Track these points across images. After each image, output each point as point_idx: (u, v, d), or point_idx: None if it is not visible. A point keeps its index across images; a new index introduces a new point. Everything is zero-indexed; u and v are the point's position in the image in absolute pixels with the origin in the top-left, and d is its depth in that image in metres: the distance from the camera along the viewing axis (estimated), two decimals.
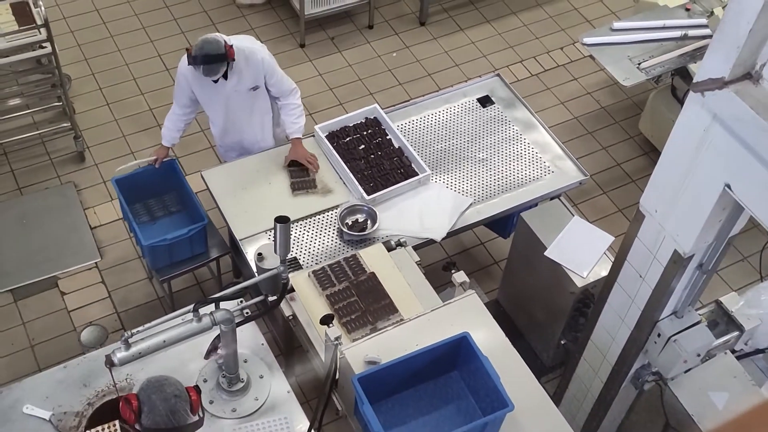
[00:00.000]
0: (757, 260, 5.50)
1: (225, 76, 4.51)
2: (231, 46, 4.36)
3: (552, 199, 4.81)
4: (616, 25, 5.67)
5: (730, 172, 2.88)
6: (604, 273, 4.14)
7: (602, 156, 6.15)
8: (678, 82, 5.75)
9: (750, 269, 5.50)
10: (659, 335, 3.59)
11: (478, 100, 5.23)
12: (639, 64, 5.43)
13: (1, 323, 5.03)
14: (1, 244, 5.37)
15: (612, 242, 4.45)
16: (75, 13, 6.75)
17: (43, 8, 5.21)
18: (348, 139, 4.89)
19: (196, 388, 2.87)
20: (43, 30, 5.20)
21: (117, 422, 3.31)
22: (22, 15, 5.30)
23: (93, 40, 6.60)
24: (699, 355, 3.66)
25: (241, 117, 4.77)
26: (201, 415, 2.84)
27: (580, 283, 4.32)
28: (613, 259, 3.81)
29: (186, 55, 4.38)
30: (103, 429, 3.30)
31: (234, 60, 4.38)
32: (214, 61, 4.30)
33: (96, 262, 5.35)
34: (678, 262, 3.27)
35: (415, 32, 6.89)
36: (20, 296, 5.16)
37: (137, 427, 2.70)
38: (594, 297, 4.33)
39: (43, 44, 5.28)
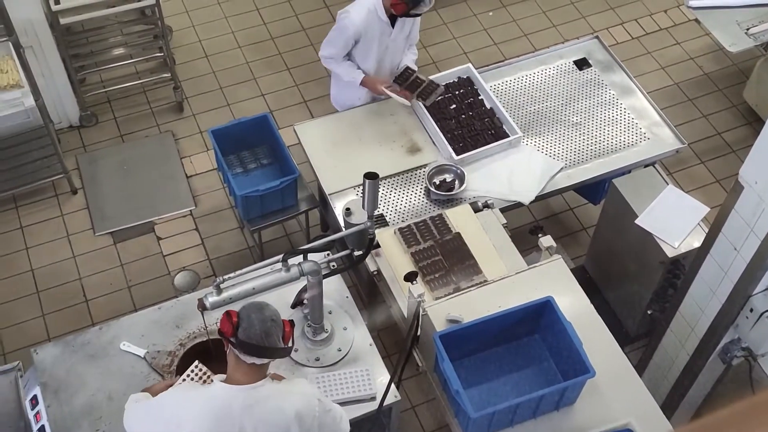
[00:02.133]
0: None
1: (393, 25, 4.65)
2: None
3: (646, 166, 4.70)
4: None
5: None
6: (697, 244, 4.04)
7: (702, 124, 5.95)
8: None
9: None
10: (751, 310, 3.49)
11: (575, 62, 5.13)
12: (747, 29, 5.22)
13: (101, 264, 5.26)
14: (102, 189, 5.59)
15: (707, 213, 4.33)
16: None
17: None
18: (440, 98, 4.87)
19: (291, 322, 3.01)
20: None
21: (199, 364, 3.46)
22: None
23: None
24: None
25: (393, 64, 4.87)
26: (291, 345, 2.97)
27: (670, 253, 4.23)
28: (707, 231, 3.71)
29: (377, 3, 4.54)
30: (192, 371, 3.45)
31: None
32: None
33: (191, 210, 5.52)
34: None
35: None
36: (119, 239, 5.38)
37: (232, 339, 2.85)
38: (684, 268, 4.23)
39: None
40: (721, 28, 5.25)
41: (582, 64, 5.11)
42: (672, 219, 4.31)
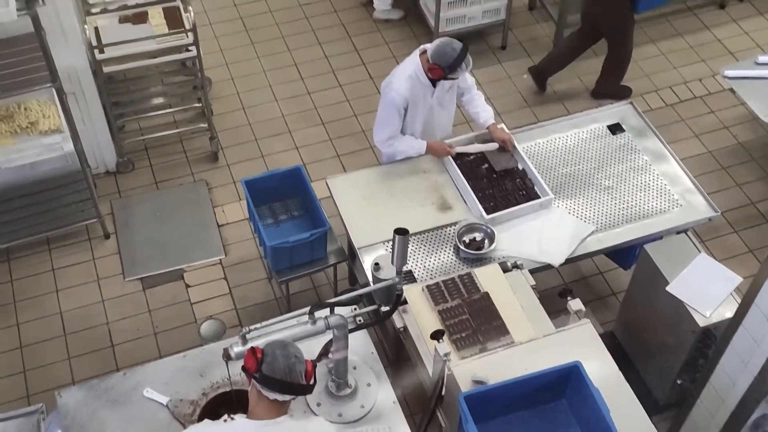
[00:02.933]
0: None
1: (434, 84, 4.69)
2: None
3: (678, 233, 4.65)
4: (761, 59, 5.48)
5: None
6: (729, 314, 3.97)
7: (736, 193, 5.90)
8: None
9: None
10: None
11: (608, 127, 5.13)
12: None
13: (129, 309, 5.29)
14: (135, 235, 5.64)
15: (740, 283, 4.26)
16: (220, 20, 7.05)
17: (192, 14, 5.46)
18: (472, 157, 4.89)
19: (313, 363, 3.05)
20: (190, 34, 5.45)
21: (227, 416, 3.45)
22: (173, 19, 5.58)
23: (235, 47, 6.86)
24: None
25: (440, 119, 4.93)
26: (313, 383, 3.01)
27: (702, 322, 4.16)
28: (739, 301, 3.65)
29: (417, 70, 4.62)
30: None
31: None
32: (467, 50, 4.55)
33: (220, 259, 5.55)
34: None
35: None
36: (148, 285, 5.41)
37: (256, 375, 2.90)
38: (716, 338, 4.15)
39: (189, 48, 5.54)
40: (757, 98, 5.26)
41: (615, 128, 5.12)
42: (704, 288, 4.25)
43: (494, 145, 4.86)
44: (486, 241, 4.53)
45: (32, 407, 3.72)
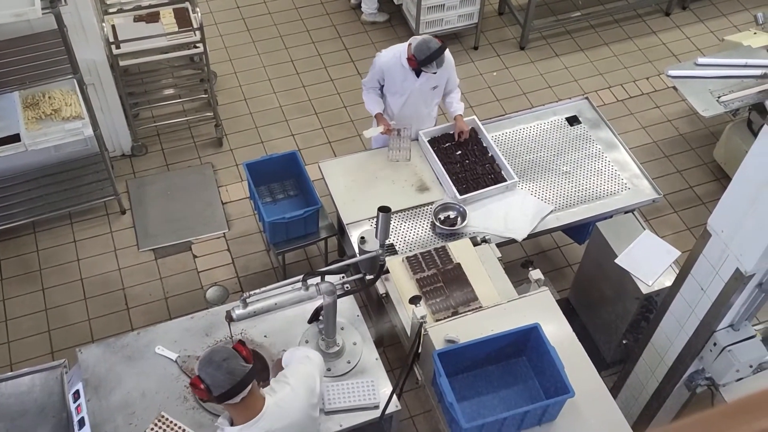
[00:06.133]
0: None
1: (417, 74, 4.67)
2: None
3: (626, 213, 4.69)
4: (701, 60, 5.48)
5: None
6: (668, 283, 4.02)
7: (676, 178, 5.95)
8: (754, 116, 5.50)
9: None
10: (715, 344, 3.46)
11: (567, 119, 5.15)
12: (719, 97, 5.24)
13: (143, 276, 5.27)
14: (148, 211, 5.62)
15: (678, 256, 4.31)
16: (225, 20, 6.99)
17: (199, 14, 5.41)
18: (447, 144, 4.89)
19: (241, 342, 2.90)
20: (198, 32, 5.40)
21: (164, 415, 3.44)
22: (182, 19, 5.52)
23: (238, 44, 6.81)
24: (751, 367, 3.51)
25: (417, 109, 4.89)
26: (253, 363, 2.85)
27: (645, 290, 4.20)
28: (677, 272, 3.69)
29: (404, 51, 4.60)
30: (156, 424, 3.44)
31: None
32: (442, 52, 4.50)
33: (224, 233, 5.53)
34: (739, 279, 3.14)
35: (514, 55, 6.82)
36: (160, 255, 5.39)
37: (212, 398, 2.77)
38: (657, 304, 4.20)
39: (197, 45, 5.49)
40: (696, 95, 5.27)
41: (573, 120, 5.13)
42: (647, 260, 4.29)
43: (376, 132, 4.82)
44: (459, 218, 4.55)
45: (56, 362, 3.74)
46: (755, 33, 5.69)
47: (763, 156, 2.85)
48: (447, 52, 4.68)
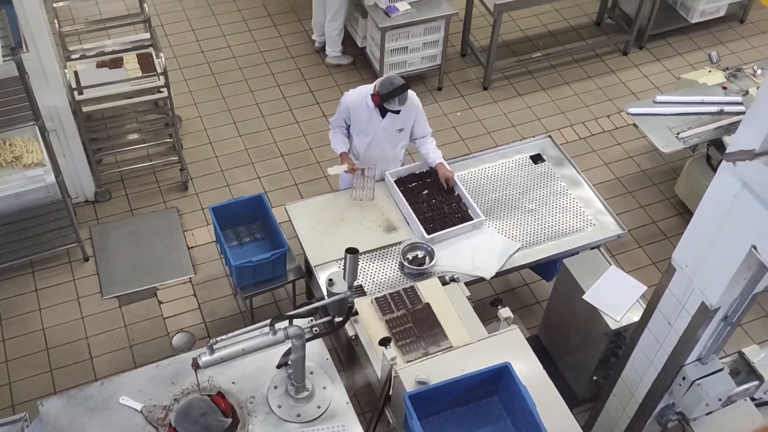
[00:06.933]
0: None
1: (382, 115, 4.68)
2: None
3: (592, 248, 4.74)
4: (659, 98, 5.62)
5: (756, 235, 2.80)
6: (636, 318, 4.05)
7: (640, 214, 6.04)
8: (713, 152, 5.63)
9: None
10: (684, 378, 3.48)
11: (531, 157, 5.21)
12: (678, 134, 5.36)
13: (107, 324, 5.16)
14: (112, 257, 5.53)
15: (645, 291, 4.35)
16: (190, 65, 6.99)
17: (163, 59, 5.41)
18: (414, 184, 4.92)
19: (220, 395, 2.82)
20: (162, 77, 5.39)
21: None
22: (146, 64, 5.52)
23: (202, 88, 6.81)
24: (720, 400, 3.53)
25: (383, 150, 4.91)
26: (232, 417, 2.77)
27: (613, 325, 4.23)
28: (644, 306, 3.72)
29: (369, 92, 4.65)
30: None
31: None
32: (405, 89, 4.54)
33: (190, 278, 5.46)
34: (704, 313, 3.18)
35: (478, 95, 6.92)
36: (125, 302, 5.29)
37: None
38: (625, 339, 4.23)
39: (161, 89, 5.48)
40: (655, 132, 5.38)
41: (537, 158, 5.20)
42: (615, 295, 4.32)
43: (339, 171, 4.86)
44: (427, 257, 4.55)
45: (16, 416, 3.62)
46: (710, 71, 5.86)
47: (722, 191, 2.91)
48: (414, 96, 4.74)
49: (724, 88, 5.67)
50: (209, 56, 7.10)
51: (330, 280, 4.13)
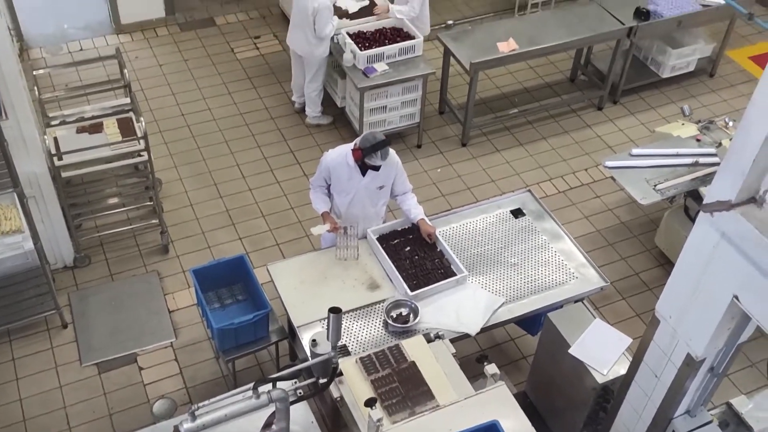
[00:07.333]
0: (765, 366, 5.30)
1: (363, 173, 4.70)
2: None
3: (576, 302, 4.74)
4: (635, 151, 5.72)
5: (737, 285, 2.82)
6: (623, 371, 4.03)
7: (622, 265, 6.07)
8: (690, 203, 5.71)
9: (758, 375, 5.29)
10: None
11: (511, 211, 5.25)
12: (655, 185, 5.43)
13: (85, 393, 5.04)
14: (91, 323, 5.44)
15: (630, 344, 4.34)
16: (170, 128, 7.03)
17: (143, 123, 5.44)
18: (396, 241, 4.92)
19: None
20: (142, 141, 5.41)
21: None
22: (126, 128, 5.54)
23: (183, 150, 6.83)
24: None
25: (364, 208, 4.93)
26: None
27: (600, 379, 4.20)
28: (631, 359, 3.71)
29: (349, 151, 4.69)
30: None
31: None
32: (386, 144, 4.60)
33: (171, 342, 5.38)
34: (691, 364, 3.17)
35: (457, 152, 7.00)
36: (104, 369, 5.19)
37: None
38: (613, 393, 4.19)
39: (141, 153, 5.49)
40: (633, 184, 5.46)
41: (517, 213, 5.24)
42: (600, 349, 4.31)
43: (322, 230, 4.87)
44: (411, 315, 4.53)
45: None
46: (683, 124, 5.99)
47: (701, 242, 2.94)
48: (394, 153, 4.79)
49: (698, 140, 5.79)
50: (189, 119, 7.14)
51: (313, 340, 4.08)
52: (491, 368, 3.98)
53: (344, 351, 4.31)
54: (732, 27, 7.54)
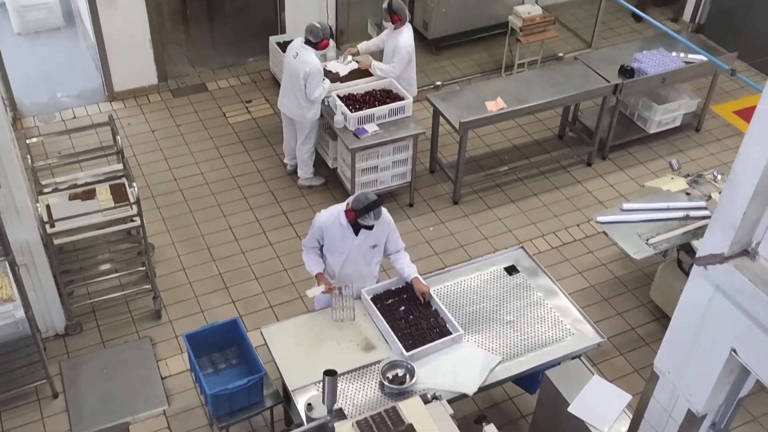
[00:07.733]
0: (767, 421, 5.24)
1: (356, 232, 4.71)
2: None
3: (573, 358, 4.70)
4: (626, 206, 5.76)
5: (734, 338, 2.81)
6: (624, 429, 3.97)
7: (618, 321, 6.04)
8: (683, 256, 5.73)
9: (761, 429, 5.22)
10: None
11: (505, 269, 5.25)
12: (647, 240, 5.46)
13: None
14: (82, 392, 5.34)
15: (630, 400, 4.29)
16: (163, 192, 7.05)
17: (136, 189, 5.45)
18: (390, 301, 4.90)
19: None
20: (134, 206, 5.42)
21: None
22: (118, 194, 5.55)
23: (175, 215, 6.84)
24: None
25: (358, 268, 4.92)
26: None
27: None
28: (631, 417, 3.66)
29: (341, 211, 4.71)
30: None
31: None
32: (379, 204, 4.63)
33: (164, 409, 5.28)
34: (692, 421, 3.13)
35: (449, 210, 7.04)
36: None
37: None
38: None
39: (134, 218, 5.49)
40: (625, 239, 5.48)
41: (511, 270, 5.24)
42: (600, 406, 4.25)
43: (317, 292, 4.85)
44: (407, 375, 4.47)
45: None
46: (672, 178, 6.06)
47: (696, 295, 2.94)
48: (386, 211, 4.81)
49: (688, 194, 5.84)
50: (182, 183, 7.17)
51: (309, 404, 4.03)
52: (490, 429, 3.93)
53: (340, 414, 4.24)
54: (715, 82, 7.70)
